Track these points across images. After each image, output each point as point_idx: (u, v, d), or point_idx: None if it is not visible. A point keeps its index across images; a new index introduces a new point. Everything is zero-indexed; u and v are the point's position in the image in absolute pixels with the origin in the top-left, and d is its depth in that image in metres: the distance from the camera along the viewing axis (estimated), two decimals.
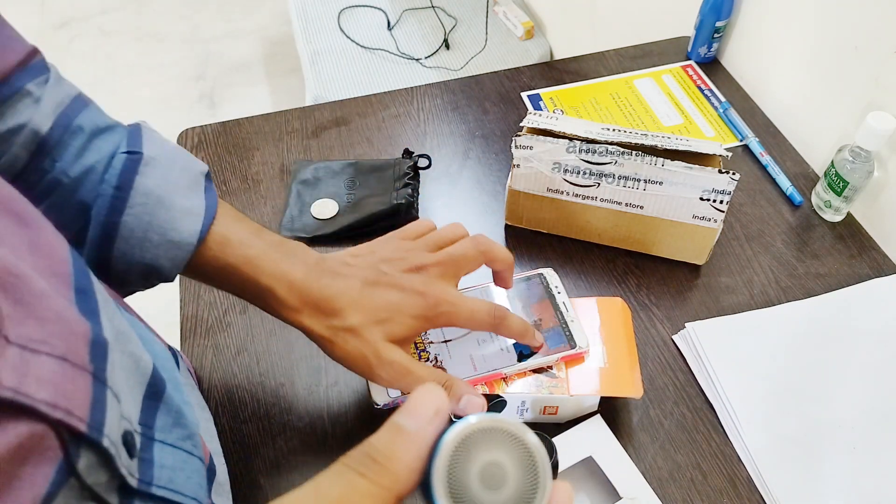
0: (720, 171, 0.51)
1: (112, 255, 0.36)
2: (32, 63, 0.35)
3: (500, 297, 0.49)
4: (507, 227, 0.61)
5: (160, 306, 0.86)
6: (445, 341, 0.47)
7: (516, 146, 0.55)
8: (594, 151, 0.53)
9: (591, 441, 0.46)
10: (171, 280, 0.39)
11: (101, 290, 0.28)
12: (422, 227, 0.45)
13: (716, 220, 0.53)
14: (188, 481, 0.31)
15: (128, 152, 0.36)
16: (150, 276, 0.38)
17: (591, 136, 0.54)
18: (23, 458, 0.20)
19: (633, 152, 0.53)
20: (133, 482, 0.26)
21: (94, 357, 0.24)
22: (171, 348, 0.46)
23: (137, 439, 0.27)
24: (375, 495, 0.22)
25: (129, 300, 0.39)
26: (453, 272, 0.42)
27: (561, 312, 0.48)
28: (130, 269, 0.37)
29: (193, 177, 0.39)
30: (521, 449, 0.24)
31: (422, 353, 0.46)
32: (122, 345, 0.27)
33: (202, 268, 0.39)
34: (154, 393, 0.30)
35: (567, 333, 0.47)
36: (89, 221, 0.35)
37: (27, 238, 0.24)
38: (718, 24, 0.74)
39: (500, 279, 0.46)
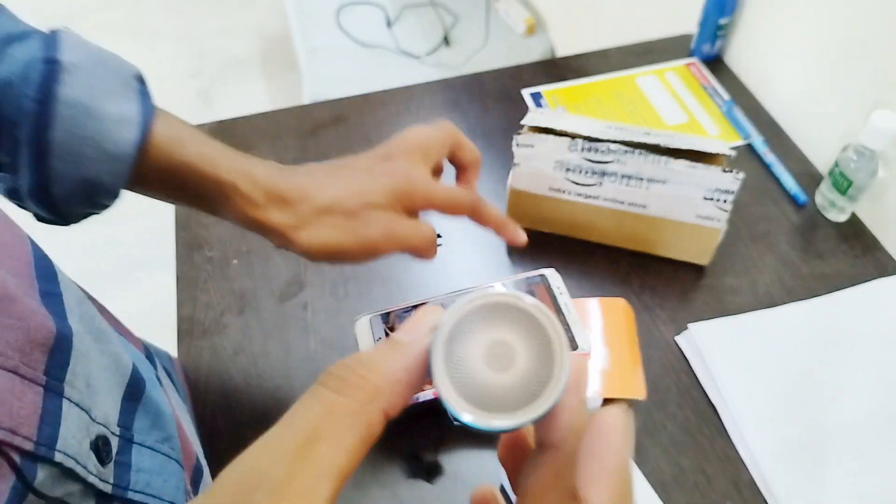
0: (724, 170, 0.51)
1: (49, 176, 0.33)
2: None
3: None
4: None
5: (157, 308, 0.86)
6: None
7: (517, 145, 0.54)
8: (596, 150, 0.53)
9: None
10: (117, 195, 0.36)
11: (72, 289, 0.27)
12: (407, 130, 0.43)
13: (720, 220, 0.53)
14: (165, 485, 0.30)
15: (45, 61, 0.32)
16: (95, 194, 0.35)
17: (593, 135, 0.53)
18: None
19: (636, 151, 0.52)
20: (106, 488, 0.25)
21: (51, 366, 0.23)
22: (158, 351, 0.45)
23: (115, 442, 0.26)
24: (355, 414, 0.19)
25: (123, 300, 0.38)
26: (422, 156, 0.40)
27: (563, 314, 0.48)
28: (72, 188, 0.34)
29: (123, 80, 0.35)
30: (526, 321, 0.21)
31: None
32: (101, 344, 0.26)
33: (151, 176, 0.35)
34: (133, 393, 0.29)
35: (569, 335, 0.46)
36: (20, 141, 0.32)
37: None
38: (722, 21, 0.73)
39: (464, 180, 0.43)
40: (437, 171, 0.42)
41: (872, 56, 0.59)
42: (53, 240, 0.37)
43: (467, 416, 0.20)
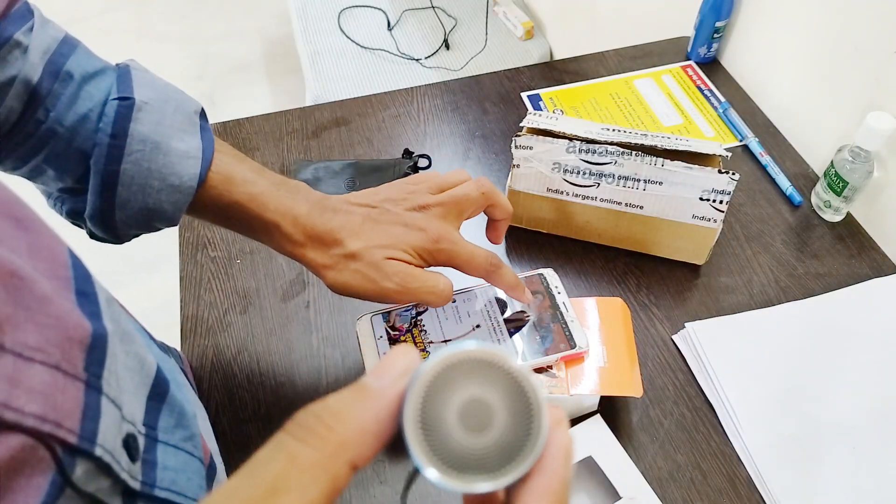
0: (720, 171, 0.51)
1: (115, 203, 0.37)
2: (16, 9, 0.35)
3: (499, 297, 0.49)
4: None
5: (161, 307, 0.87)
6: (445, 341, 0.47)
7: (516, 146, 0.55)
8: (594, 151, 0.53)
9: (591, 441, 0.46)
10: (176, 223, 0.39)
11: (103, 291, 0.28)
12: (430, 175, 0.46)
13: (715, 220, 0.53)
14: (189, 483, 0.31)
15: (119, 98, 0.36)
16: (154, 220, 0.38)
17: (590, 137, 0.54)
18: (15, 470, 0.20)
19: (633, 152, 0.53)
20: (136, 485, 0.26)
21: (89, 363, 0.24)
22: (168, 348, 0.46)
23: (141, 441, 0.27)
24: (319, 465, 0.18)
25: (129, 300, 0.39)
26: (456, 212, 0.43)
27: (561, 313, 0.48)
28: (134, 215, 0.37)
29: (188, 117, 0.39)
30: (504, 378, 0.20)
31: (421, 353, 0.46)
32: (126, 345, 0.27)
33: (207, 207, 0.39)
34: (158, 394, 0.30)
35: (567, 333, 0.47)
36: (89, 168, 0.36)
37: (26, 241, 0.24)
38: (718, 24, 0.74)
39: (493, 229, 0.46)
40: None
41: (867, 58, 0.60)
42: None
43: (434, 475, 0.19)
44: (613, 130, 0.55)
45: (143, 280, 1.33)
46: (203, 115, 0.40)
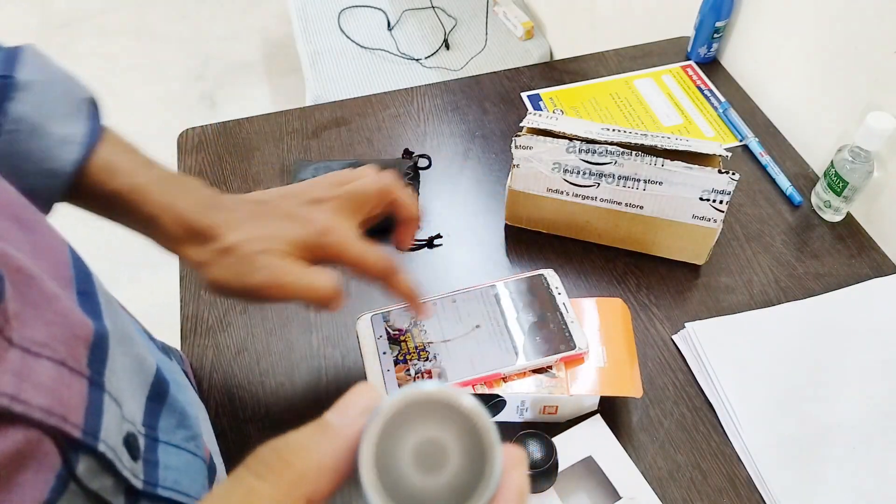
0: (720, 171, 0.51)
1: None
2: None
3: (499, 297, 0.49)
4: (506, 227, 0.61)
5: (160, 306, 0.87)
6: (445, 341, 0.47)
7: (516, 146, 0.55)
8: (594, 151, 0.53)
9: (591, 441, 0.46)
10: (48, 211, 0.36)
11: (103, 291, 0.28)
12: (339, 171, 0.43)
13: (715, 220, 0.53)
14: (192, 482, 0.31)
15: (1, 77, 0.34)
16: None
17: (590, 137, 0.54)
18: (21, 464, 0.20)
19: (633, 152, 0.53)
20: (138, 484, 0.26)
21: (92, 361, 0.24)
22: (170, 349, 0.46)
23: (141, 441, 0.27)
24: (275, 500, 0.19)
25: (129, 300, 0.39)
26: (352, 207, 0.40)
27: (561, 313, 0.48)
28: None
29: (75, 103, 0.36)
30: (459, 419, 0.20)
31: (421, 353, 0.46)
32: (125, 347, 0.27)
33: (86, 196, 0.37)
34: (157, 394, 0.30)
35: (567, 334, 0.47)
36: None
37: (29, 241, 0.24)
38: (718, 24, 0.74)
39: (399, 234, 0.43)
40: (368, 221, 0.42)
41: (867, 58, 0.60)
42: None
43: None
44: (613, 130, 0.55)
45: (143, 280, 1.33)
46: (94, 103, 0.38)
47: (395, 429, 0.20)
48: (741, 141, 0.68)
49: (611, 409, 0.48)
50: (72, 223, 0.41)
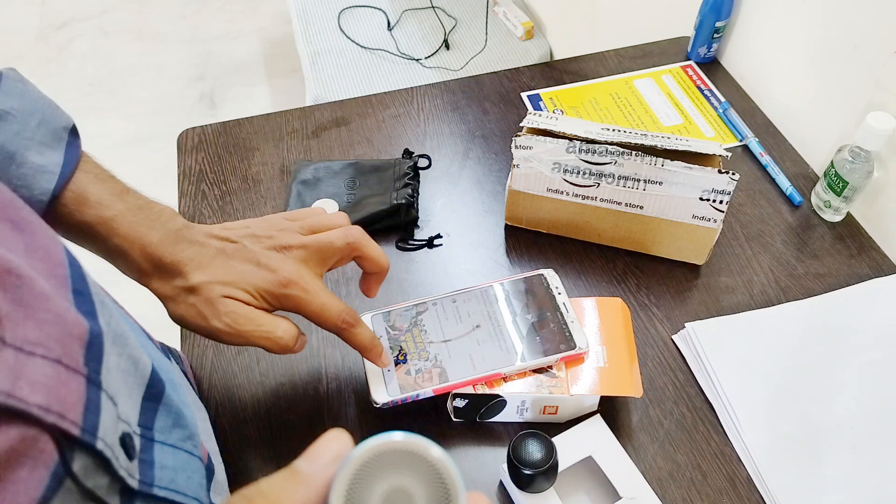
0: (720, 172, 0.51)
1: None
2: None
3: (499, 297, 0.49)
4: (506, 227, 0.61)
5: (160, 306, 0.86)
6: (445, 341, 0.47)
7: (516, 146, 0.55)
8: (594, 151, 0.53)
9: (591, 441, 0.46)
10: None
11: (98, 291, 0.28)
12: (310, 212, 0.44)
13: (715, 220, 0.53)
14: (189, 481, 0.31)
15: None
16: None
17: (590, 137, 0.54)
18: (16, 461, 0.20)
19: (633, 152, 0.53)
20: (134, 483, 0.26)
21: (88, 359, 0.24)
22: (169, 349, 0.46)
23: (137, 441, 0.27)
24: None
25: (128, 300, 0.39)
26: (318, 259, 0.41)
27: (561, 313, 0.48)
28: None
29: (53, 132, 0.37)
30: (426, 468, 0.21)
31: (421, 353, 0.46)
32: (119, 347, 0.27)
33: (58, 224, 0.37)
34: (153, 395, 0.30)
35: (567, 334, 0.47)
36: None
37: (23, 242, 0.24)
38: (718, 24, 0.74)
39: (366, 282, 0.45)
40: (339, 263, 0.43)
41: (866, 58, 0.60)
42: None
43: None
44: (613, 130, 0.55)
45: None
46: (74, 131, 0.38)
47: (364, 477, 0.21)
48: (741, 141, 0.68)
49: (611, 409, 0.48)
50: None
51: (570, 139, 0.54)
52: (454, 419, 0.48)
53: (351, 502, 0.21)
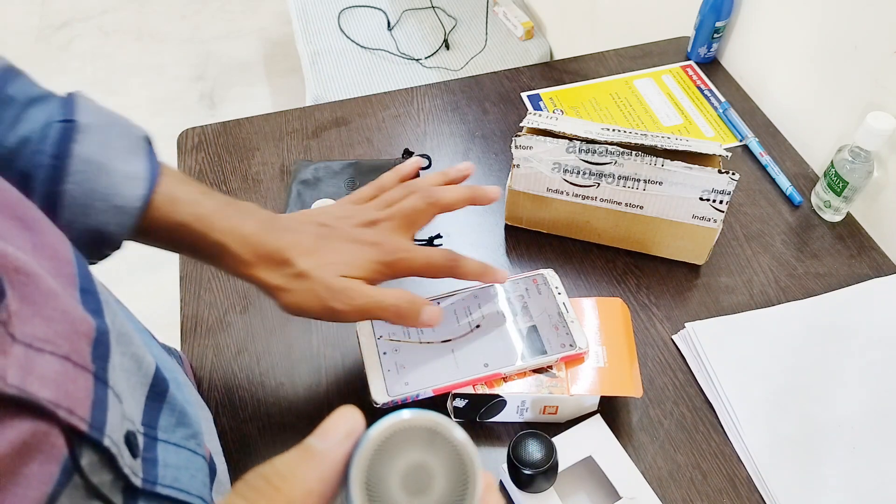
0: (720, 172, 0.51)
1: (57, 225, 0.36)
2: None
3: (500, 297, 0.49)
4: (506, 227, 0.61)
5: (161, 306, 0.86)
6: (445, 341, 0.47)
7: (516, 146, 0.55)
8: (594, 151, 0.53)
9: (591, 441, 0.46)
10: (119, 247, 0.38)
11: (103, 290, 0.28)
12: (371, 189, 0.46)
13: (715, 220, 0.53)
14: (193, 480, 0.31)
15: (62, 121, 0.36)
16: (99, 244, 0.37)
17: (590, 137, 0.54)
18: (27, 455, 0.20)
19: (633, 152, 0.53)
20: (137, 481, 0.26)
21: (95, 356, 0.24)
22: (169, 349, 0.46)
23: (140, 439, 0.27)
24: None
25: (129, 299, 0.39)
26: (406, 225, 0.43)
27: (561, 313, 0.48)
28: (78, 238, 0.36)
29: (133, 141, 0.39)
30: (448, 448, 0.22)
31: (422, 353, 0.46)
32: (123, 346, 0.27)
33: (153, 230, 0.38)
34: (157, 394, 0.30)
35: (567, 334, 0.47)
36: (32, 192, 0.35)
37: (31, 240, 0.25)
38: (718, 24, 0.74)
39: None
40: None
41: (866, 58, 0.60)
42: None
43: None
44: (613, 130, 0.55)
45: (144, 280, 1.33)
46: (149, 140, 0.40)
47: (383, 453, 0.21)
48: (741, 141, 0.68)
49: (611, 409, 0.48)
50: None
51: (570, 139, 0.54)
52: (454, 419, 0.48)
53: (371, 478, 0.21)
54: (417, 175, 0.48)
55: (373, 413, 0.47)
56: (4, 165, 0.35)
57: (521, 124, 0.56)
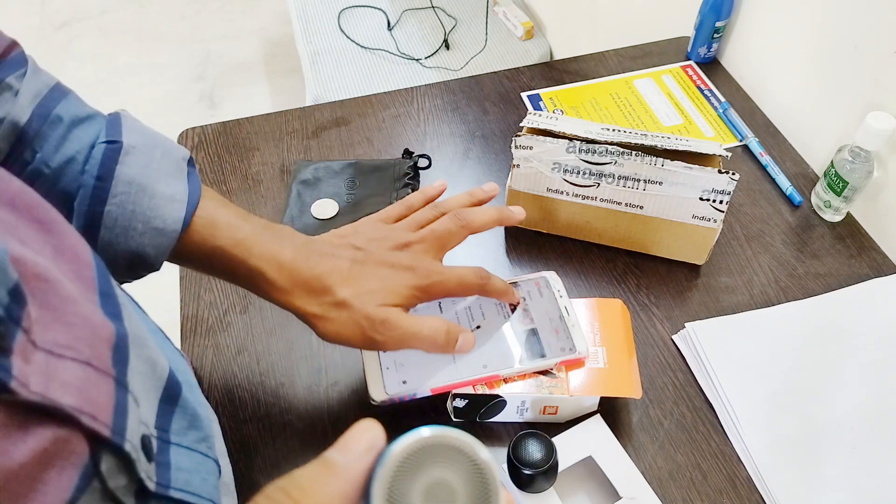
0: (720, 172, 0.51)
1: (97, 245, 0.36)
2: (12, 56, 0.35)
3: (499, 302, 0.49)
4: (506, 227, 0.61)
5: (161, 306, 0.86)
6: None
7: (516, 146, 0.55)
8: (594, 151, 0.53)
9: (591, 441, 0.46)
10: (157, 268, 0.39)
11: (120, 293, 0.28)
12: (400, 208, 0.46)
13: (715, 220, 0.53)
14: (204, 483, 0.31)
15: (108, 142, 0.36)
16: (136, 266, 0.38)
17: (590, 137, 0.54)
18: (48, 462, 0.20)
19: (633, 152, 0.53)
20: (151, 485, 0.26)
21: (116, 361, 0.24)
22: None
23: (154, 443, 0.27)
24: None
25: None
26: (438, 247, 0.43)
27: (562, 317, 0.48)
28: (116, 259, 0.37)
29: (175, 163, 0.39)
30: (470, 466, 0.22)
31: (421, 353, 0.46)
32: (138, 349, 0.27)
33: (190, 253, 0.39)
34: (170, 397, 0.30)
35: (568, 338, 0.47)
36: (73, 211, 0.35)
37: (51, 244, 0.25)
38: (718, 24, 0.74)
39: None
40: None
41: (866, 58, 0.60)
42: None
43: None
44: (613, 130, 0.55)
45: (143, 280, 1.34)
46: (191, 162, 0.40)
47: (405, 469, 0.21)
48: (741, 141, 0.68)
49: (611, 410, 0.48)
50: None
51: (570, 139, 0.54)
52: (454, 419, 0.48)
53: (392, 494, 0.21)
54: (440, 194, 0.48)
55: (374, 413, 0.47)
56: (49, 185, 0.35)
57: (521, 124, 0.56)
